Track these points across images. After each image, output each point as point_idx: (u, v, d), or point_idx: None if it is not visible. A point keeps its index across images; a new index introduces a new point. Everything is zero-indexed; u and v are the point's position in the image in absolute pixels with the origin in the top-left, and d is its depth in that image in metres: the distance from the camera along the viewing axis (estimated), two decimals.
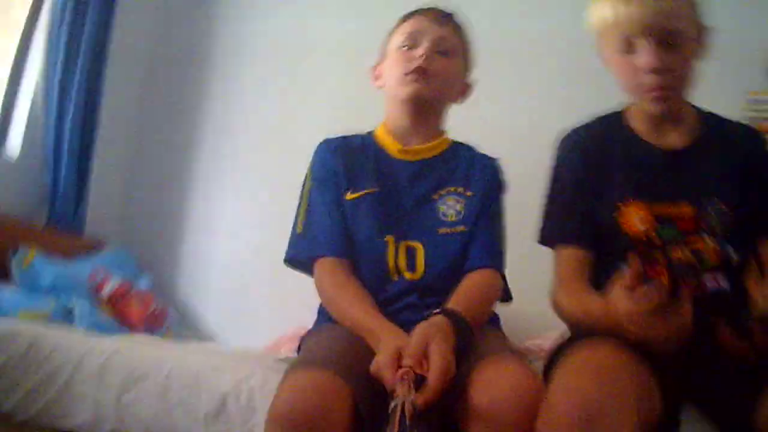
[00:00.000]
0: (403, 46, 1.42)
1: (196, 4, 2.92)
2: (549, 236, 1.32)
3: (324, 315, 1.34)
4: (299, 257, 1.37)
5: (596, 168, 1.27)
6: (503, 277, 1.37)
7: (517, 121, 2.31)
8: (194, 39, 2.87)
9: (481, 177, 1.43)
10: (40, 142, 2.30)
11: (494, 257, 1.36)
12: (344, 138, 1.48)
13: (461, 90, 1.51)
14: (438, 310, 1.15)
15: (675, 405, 1.09)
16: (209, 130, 2.78)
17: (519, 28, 2.42)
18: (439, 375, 1.01)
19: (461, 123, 1.53)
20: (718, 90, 1.35)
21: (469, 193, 1.40)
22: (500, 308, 1.35)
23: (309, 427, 0.97)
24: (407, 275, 1.32)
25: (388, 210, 1.37)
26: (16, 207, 2.20)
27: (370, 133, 1.49)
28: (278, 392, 1.03)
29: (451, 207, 1.38)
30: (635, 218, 1.21)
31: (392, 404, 0.93)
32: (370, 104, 1.53)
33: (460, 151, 1.48)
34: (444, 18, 1.46)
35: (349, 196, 1.38)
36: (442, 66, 1.41)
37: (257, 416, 1.30)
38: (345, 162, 1.41)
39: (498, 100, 2.18)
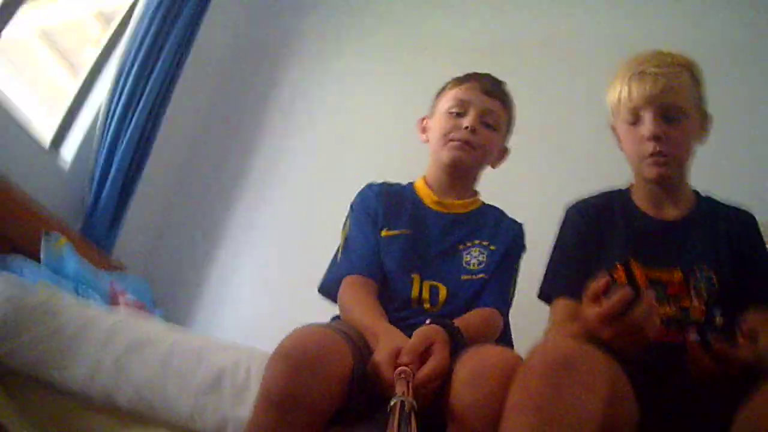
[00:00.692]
0: (451, 112, 1.53)
1: (257, 63, 3.17)
2: (548, 292, 1.40)
3: None
4: (336, 278, 1.44)
5: (598, 232, 1.39)
6: (507, 325, 1.46)
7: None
8: (249, 98, 3.09)
9: (505, 236, 1.53)
10: (93, 157, 2.43)
11: (500, 302, 1.45)
12: (386, 184, 1.60)
13: (499, 156, 1.62)
14: (431, 320, 1.21)
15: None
16: (251, 186, 2.92)
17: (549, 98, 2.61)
18: (432, 367, 1.06)
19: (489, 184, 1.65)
20: None
21: (492, 248, 1.48)
22: None
23: (312, 363, 1.02)
24: (426, 306, 1.40)
25: (417, 252, 1.46)
26: (56, 210, 2.28)
27: (410, 183, 1.61)
28: (284, 339, 1.08)
29: (474, 257, 1.47)
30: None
31: (392, 402, 0.94)
32: (408, 173, 1.66)
33: (489, 211, 1.59)
34: (492, 89, 1.56)
35: (384, 233, 1.48)
36: (485, 138, 1.53)
37: (249, 393, 1.29)
38: (384, 204, 1.53)
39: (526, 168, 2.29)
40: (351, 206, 1.58)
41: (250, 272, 2.80)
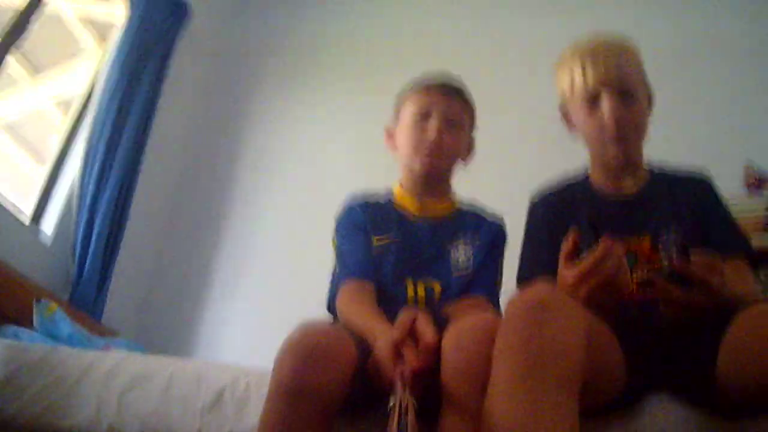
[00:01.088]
0: (415, 119, 1.57)
1: (221, 124, 3.28)
2: (525, 278, 1.43)
3: None
4: (336, 290, 1.47)
5: (563, 217, 1.44)
6: (499, 313, 1.48)
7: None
8: (220, 155, 3.19)
9: (487, 230, 1.58)
10: (73, 228, 2.50)
11: (489, 290, 1.50)
12: (366, 195, 1.64)
13: (467, 151, 1.67)
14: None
15: (639, 378, 1.17)
16: (230, 243, 2.99)
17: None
18: (434, 333, 1.10)
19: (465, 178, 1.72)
20: None
21: (477, 242, 1.55)
22: None
23: (321, 353, 1.05)
24: (422, 306, 1.42)
25: (408, 259, 1.51)
26: (43, 282, 2.34)
27: (388, 193, 1.65)
28: (291, 333, 1.11)
29: (462, 254, 1.52)
30: None
31: (391, 401, 0.97)
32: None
33: (469, 209, 1.64)
34: (451, 89, 1.60)
35: (375, 241, 1.52)
36: (453, 140, 1.57)
37: (249, 406, 1.34)
38: (370, 214, 1.57)
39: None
40: (336, 220, 1.62)
41: (239, 326, 2.85)
